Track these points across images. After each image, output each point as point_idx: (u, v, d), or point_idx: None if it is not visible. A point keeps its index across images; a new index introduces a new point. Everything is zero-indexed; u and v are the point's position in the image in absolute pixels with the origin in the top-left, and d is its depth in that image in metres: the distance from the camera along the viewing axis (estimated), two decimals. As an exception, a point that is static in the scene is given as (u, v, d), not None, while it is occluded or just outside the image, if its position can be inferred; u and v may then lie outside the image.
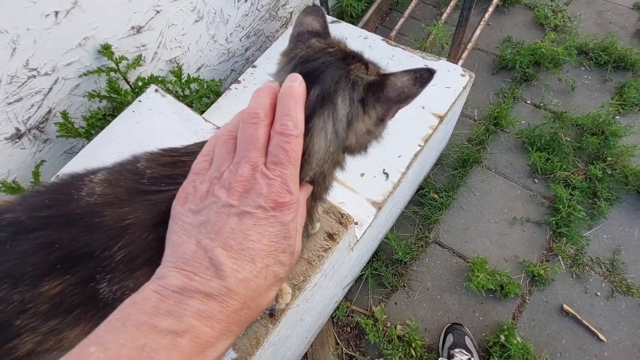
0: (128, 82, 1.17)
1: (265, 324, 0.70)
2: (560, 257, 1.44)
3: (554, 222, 1.48)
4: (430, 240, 1.53)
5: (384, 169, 1.07)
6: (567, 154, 1.59)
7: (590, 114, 1.64)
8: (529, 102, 1.78)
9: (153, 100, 1.05)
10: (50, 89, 1.05)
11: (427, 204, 1.57)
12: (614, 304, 1.35)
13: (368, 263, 1.48)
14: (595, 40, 1.86)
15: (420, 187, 1.61)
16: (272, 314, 0.71)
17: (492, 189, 1.60)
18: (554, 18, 1.95)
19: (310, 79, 0.42)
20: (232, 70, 1.63)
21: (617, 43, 1.81)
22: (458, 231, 1.54)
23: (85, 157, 0.98)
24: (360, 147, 0.52)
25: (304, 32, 0.50)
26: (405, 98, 0.47)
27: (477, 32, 1.76)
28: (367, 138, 0.51)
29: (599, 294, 1.37)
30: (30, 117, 1.05)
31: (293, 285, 0.73)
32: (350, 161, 1.11)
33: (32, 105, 1.04)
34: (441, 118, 1.14)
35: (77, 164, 0.97)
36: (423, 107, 1.16)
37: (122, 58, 1.12)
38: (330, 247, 0.76)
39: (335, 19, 1.45)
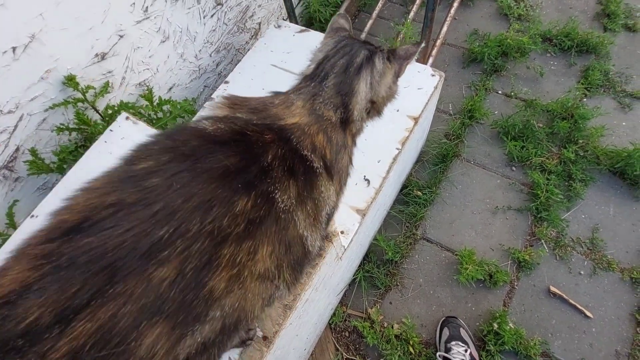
0: (97, 111, 1.14)
1: (260, 347, 0.70)
2: (543, 240, 1.49)
3: (534, 207, 1.53)
4: (418, 237, 1.55)
5: (364, 176, 1.08)
6: (540, 140, 1.64)
7: (559, 99, 1.70)
8: (500, 92, 1.83)
9: (125, 129, 1.03)
10: (16, 126, 1.02)
11: (412, 202, 1.59)
12: (597, 280, 1.40)
13: (360, 266, 1.50)
14: (558, 26, 1.92)
15: (404, 186, 1.63)
16: (266, 337, 0.71)
17: (473, 181, 1.64)
18: (517, 8, 2.01)
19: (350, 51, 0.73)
20: (205, 86, 1.61)
21: (579, 28, 1.88)
22: (444, 225, 1.56)
23: (60, 193, 0.96)
24: (383, 103, 0.82)
25: (338, 28, 0.83)
26: (409, 55, 0.77)
27: (445, 27, 1.79)
28: (389, 94, 0.81)
29: (582, 272, 1.43)
30: (-3, 157, 1.01)
31: (284, 306, 0.73)
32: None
33: (-2, 145, 1.00)
34: (416, 120, 1.16)
35: (53, 201, 0.94)
36: (397, 110, 1.18)
37: (89, 87, 1.09)
38: (317, 263, 0.76)
39: (303, 27, 1.45)
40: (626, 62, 1.81)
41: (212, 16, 1.47)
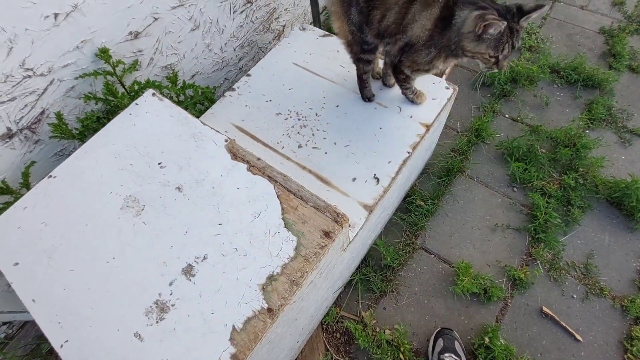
0: (124, 86, 1.18)
1: (264, 319, 0.72)
2: (539, 261, 1.51)
3: (532, 228, 1.56)
4: (417, 247, 1.58)
5: (374, 174, 1.12)
6: (542, 165, 1.69)
7: (563, 128, 1.76)
8: (507, 115, 1.89)
9: (150, 104, 1.06)
10: (45, 89, 1.05)
11: (414, 211, 1.62)
12: (589, 305, 1.42)
13: (357, 268, 1.51)
14: (566, 60, 2.01)
15: (408, 195, 1.66)
16: (271, 309, 0.72)
17: (475, 197, 1.68)
18: (529, 39, 2.10)
19: None
20: (225, 78, 1.67)
21: (586, 63, 1.97)
22: (444, 237, 1.59)
23: (80, 158, 0.98)
24: None
25: None
26: None
27: (459, 49, 1.87)
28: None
29: (575, 296, 1.45)
30: (22, 117, 1.04)
31: (290, 281, 0.75)
32: (344, 166, 1.14)
33: (26, 106, 1.04)
34: (428, 127, 1.20)
35: (71, 166, 0.97)
36: (411, 117, 1.23)
37: (119, 62, 1.14)
38: (326, 245, 0.78)
39: (326, 32, 1.51)
40: (628, 100, 1.89)
41: (241, 12, 1.53)
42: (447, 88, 1.29)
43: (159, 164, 0.94)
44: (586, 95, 1.92)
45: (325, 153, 1.19)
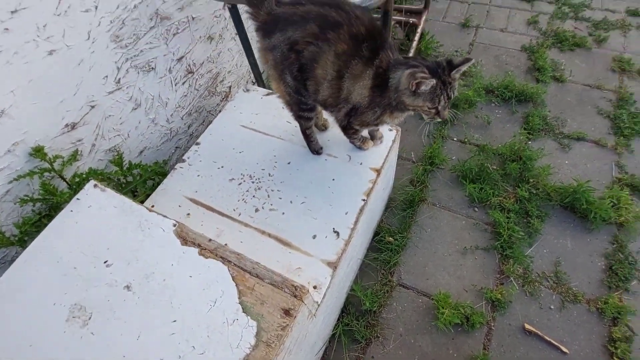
0: (65, 180, 1.14)
1: (231, 423, 0.66)
2: (512, 278, 1.54)
3: (499, 245, 1.60)
4: (395, 284, 1.56)
5: (333, 228, 1.12)
6: (496, 182, 1.77)
7: (508, 143, 1.87)
8: (455, 139, 1.99)
9: (92, 197, 1.03)
10: (-25, 200, 1.00)
11: (385, 248, 1.62)
12: (567, 314, 1.45)
13: (338, 320, 1.47)
14: (497, 80, 2.18)
15: (376, 233, 1.67)
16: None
17: (441, 223, 1.71)
18: (461, 65, 2.27)
19: None
20: (176, 147, 1.66)
21: (515, 80, 2.14)
22: (418, 269, 1.59)
23: (19, 269, 0.92)
24: None
25: None
26: None
27: (400, 85, 1.98)
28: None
29: (552, 307, 1.47)
30: (-50, 234, 0.97)
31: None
32: (303, 224, 1.14)
33: (-46, 221, 0.97)
34: (378, 171, 1.24)
35: (10, 280, 0.90)
36: (361, 164, 1.26)
37: (57, 157, 1.11)
38: (288, 324, 0.76)
39: (270, 91, 1.56)
40: (559, 108, 2.06)
41: (183, 83, 1.56)
42: (391, 130, 1.35)
43: (105, 262, 0.90)
44: (522, 109, 2.07)
45: (283, 213, 1.18)
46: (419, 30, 2.21)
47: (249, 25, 1.40)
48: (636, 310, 1.42)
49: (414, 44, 2.17)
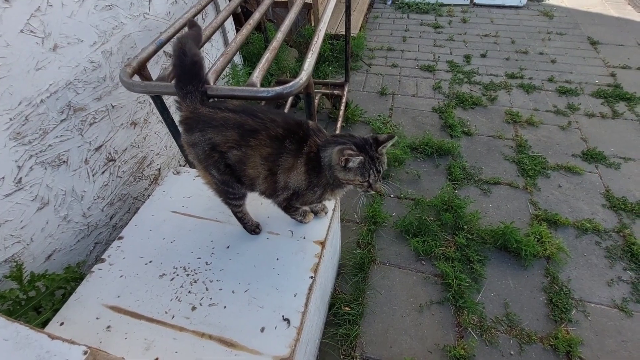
0: None
1: None
2: (469, 329, 1.53)
3: (451, 297, 1.61)
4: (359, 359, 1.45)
5: (283, 315, 1.02)
6: (436, 232, 1.85)
7: (438, 194, 2.01)
8: (392, 196, 2.09)
9: (-29, 331, 0.81)
10: None
11: (342, 321, 1.53)
12: (527, 357, 1.45)
13: (302, 417, 1.28)
14: (419, 138, 2.41)
15: (331, 305, 1.58)
16: None
17: (393, 282, 1.69)
18: (385, 128, 2.49)
19: None
20: (96, 243, 1.46)
21: (433, 138, 2.38)
22: (379, 338, 1.51)
23: None
24: None
25: None
26: None
27: (333, 150, 2.07)
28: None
29: (512, 352, 1.47)
30: None
31: None
32: (248, 316, 1.02)
33: None
34: (323, 243, 1.20)
35: None
36: (304, 238, 1.22)
37: None
38: None
39: (203, 171, 1.50)
40: (474, 158, 2.31)
41: (102, 173, 1.43)
42: (329, 199, 1.35)
43: None
44: (443, 162, 2.29)
45: (225, 307, 1.05)
46: (344, 100, 2.42)
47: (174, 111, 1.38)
48: (583, 339, 1.49)
49: (341, 112, 2.35)
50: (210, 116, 0.96)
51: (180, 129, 1.02)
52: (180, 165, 1.94)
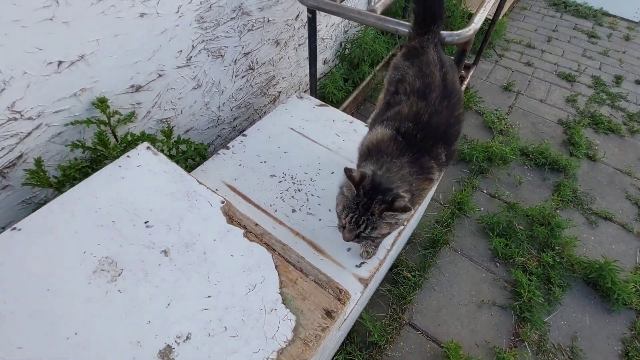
0: (116, 137, 1.13)
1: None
2: (526, 343, 1.47)
3: (517, 306, 1.55)
4: (405, 322, 1.50)
5: (370, 246, 1.09)
6: (522, 241, 1.75)
7: (537, 207, 1.87)
8: (485, 191, 1.99)
9: (143, 157, 1.01)
10: (29, 133, 0.99)
11: (401, 282, 1.57)
12: (580, 395, 1.37)
13: (341, 346, 1.39)
14: (533, 145, 2.22)
15: (394, 265, 1.63)
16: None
17: (460, 271, 1.67)
18: (499, 124, 2.33)
19: None
20: (218, 135, 1.66)
21: (551, 149, 2.17)
22: (431, 313, 1.53)
23: (54, 210, 0.88)
24: None
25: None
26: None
27: (440, 128, 2.02)
28: None
29: (565, 384, 1.39)
30: (-4, 160, 0.95)
31: (287, 371, 0.65)
32: (338, 235, 1.12)
33: (3, 148, 0.95)
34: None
35: (42, 218, 0.87)
36: (405, 188, 1.25)
37: (115, 112, 1.11)
38: (328, 326, 0.71)
39: (323, 103, 1.59)
40: (590, 185, 2.08)
41: (242, 77, 1.60)
42: (437, 164, 1.35)
43: (146, 222, 0.87)
44: (553, 177, 2.09)
45: (320, 220, 1.16)
46: (466, 82, 2.30)
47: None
48: (653, 407, 1.34)
49: (459, 93, 2.24)
50: (426, 61, 0.96)
51: (400, 50, 1.08)
52: (304, 92, 2.06)
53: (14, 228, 0.85)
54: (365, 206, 0.79)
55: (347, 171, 0.78)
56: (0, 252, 0.81)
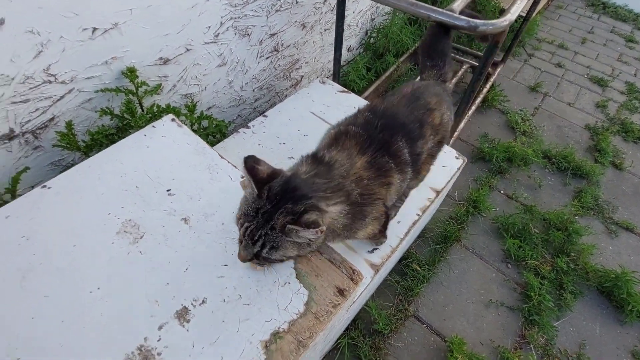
0: (142, 107, 1.16)
1: (262, 384, 0.63)
2: (532, 345, 1.46)
3: (526, 309, 1.53)
4: (410, 314, 1.50)
5: (384, 232, 1.09)
6: (536, 245, 1.71)
7: (555, 211, 1.83)
8: (502, 192, 1.96)
9: (168, 128, 1.04)
10: (62, 97, 1.02)
11: (410, 274, 1.57)
12: (583, 402, 1.35)
13: (345, 331, 1.41)
14: (557, 148, 2.16)
15: (404, 257, 1.63)
16: None
17: (470, 269, 1.66)
18: (523, 124, 2.27)
19: None
20: (238, 115, 1.68)
21: (575, 154, 2.11)
22: (437, 307, 1.53)
23: (82, 172, 0.92)
24: None
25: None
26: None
27: (462, 124, 1.98)
28: None
29: (568, 389, 1.38)
30: (30, 120, 0.99)
31: (298, 342, 0.67)
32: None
33: (37, 110, 0.99)
34: (438, 192, 1.22)
35: (71, 179, 0.90)
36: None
37: (143, 83, 1.13)
38: (339, 304, 0.72)
39: (345, 89, 1.58)
40: (613, 194, 2.01)
41: (267, 58, 1.60)
42: (457, 158, 1.33)
43: (168, 191, 0.89)
44: (575, 183, 2.03)
45: (335, 203, 1.16)
46: (492, 79, 2.24)
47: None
48: (658, 421, 1.32)
49: (485, 90, 2.19)
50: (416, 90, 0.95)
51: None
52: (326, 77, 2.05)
53: (44, 186, 0.89)
54: (266, 216, 0.59)
55: (250, 161, 0.59)
56: (30, 207, 0.84)
